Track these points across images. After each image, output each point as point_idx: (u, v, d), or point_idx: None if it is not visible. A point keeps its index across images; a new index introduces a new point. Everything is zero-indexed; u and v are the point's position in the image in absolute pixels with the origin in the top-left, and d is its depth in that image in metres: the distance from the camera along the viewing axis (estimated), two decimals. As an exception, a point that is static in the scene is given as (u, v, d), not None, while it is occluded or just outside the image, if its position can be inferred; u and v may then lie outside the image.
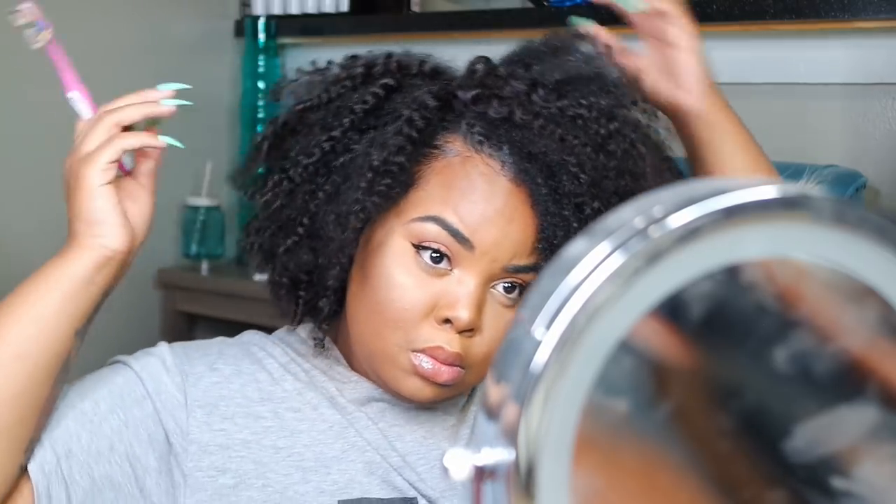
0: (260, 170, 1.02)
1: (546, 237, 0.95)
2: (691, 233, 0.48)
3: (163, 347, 1.02)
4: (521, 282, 0.95)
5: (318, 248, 0.98)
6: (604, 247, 0.48)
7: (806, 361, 0.50)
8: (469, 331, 0.94)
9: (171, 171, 1.02)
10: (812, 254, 0.50)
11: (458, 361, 0.94)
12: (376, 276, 0.95)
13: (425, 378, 0.94)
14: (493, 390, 0.49)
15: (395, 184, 0.94)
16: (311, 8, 2.54)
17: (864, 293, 0.50)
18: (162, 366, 1.00)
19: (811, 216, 0.49)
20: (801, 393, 0.50)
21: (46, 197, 2.25)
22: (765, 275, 0.50)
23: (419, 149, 0.95)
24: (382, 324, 0.94)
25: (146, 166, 0.97)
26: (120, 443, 0.95)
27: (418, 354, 0.94)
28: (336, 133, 0.97)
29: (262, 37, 2.52)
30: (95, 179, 0.93)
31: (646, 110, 1.02)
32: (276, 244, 1.00)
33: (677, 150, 1.08)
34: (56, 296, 0.91)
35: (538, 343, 0.47)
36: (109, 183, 0.93)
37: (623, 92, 1.00)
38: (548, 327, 0.47)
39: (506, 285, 0.95)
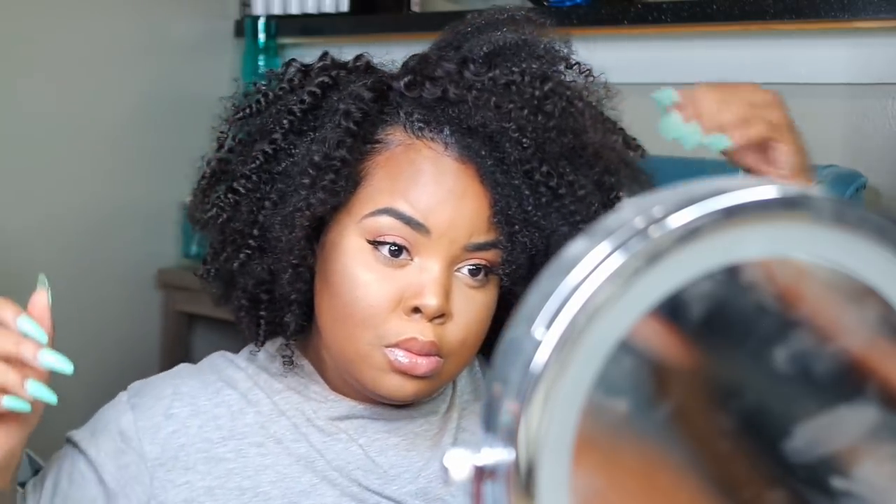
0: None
1: (500, 209, 0.94)
2: (691, 233, 0.48)
3: (119, 407, 1.00)
4: (485, 262, 0.95)
5: (270, 260, 0.97)
6: (604, 247, 0.48)
7: (806, 361, 0.50)
8: (440, 317, 0.93)
9: (170, 171, 1.02)
10: (812, 254, 0.50)
11: (433, 350, 0.92)
12: (338, 279, 0.94)
13: (403, 372, 0.93)
14: (493, 390, 0.49)
15: (339, 179, 0.93)
16: (311, 8, 2.54)
17: (864, 293, 0.50)
18: (120, 439, 0.98)
19: (811, 216, 0.49)
20: (801, 393, 0.50)
21: (44, 194, 2.26)
22: (765, 275, 0.50)
23: (361, 145, 0.95)
24: (352, 325, 0.93)
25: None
26: None
27: (392, 349, 0.92)
28: (276, 136, 0.97)
29: (262, 37, 2.52)
30: None
31: (581, 71, 1.01)
32: (229, 262, 0.99)
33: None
34: None
35: (538, 343, 0.47)
36: None
37: (554, 55, 1.00)
38: (548, 327, 0.47)
39: (470, 268, 0.94)
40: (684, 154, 1.10)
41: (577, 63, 1.01)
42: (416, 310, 0.92)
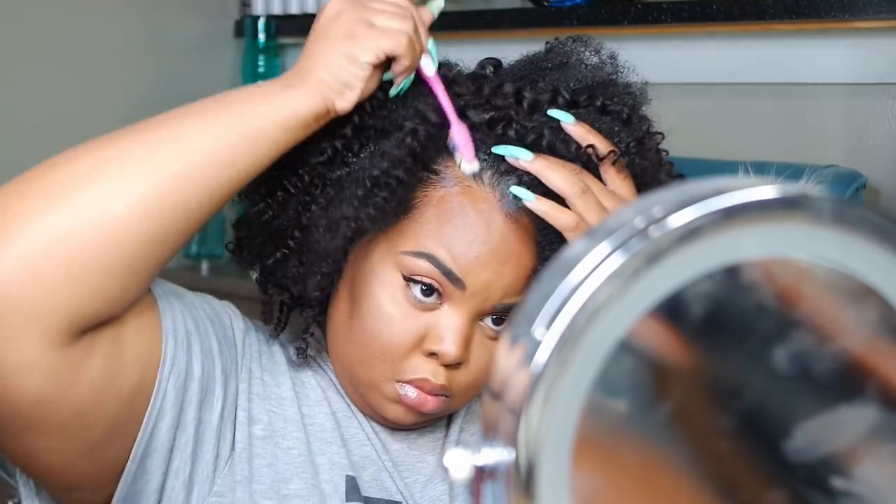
0: None
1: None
2: (691, 233, 0.48)
3: (225, 301, 1.03)
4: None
5: (305, 261, 0.96)
6: (604, 247, 0.48)
7: (806, 361, 0.50)
8: (456, 364, 0.93)
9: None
10: (812, 254, 0.50)
11: (442, 392, 0.94)
12: (365, 304, 0.94)
13: (410, 407, 0.94)
14: (493, 391, 0.49)
15: (392, 199, 0.91)
16: (311, 8, 2.54)
17: (864, 293, 0.50)
18: (232, 306, 1.01)
19: (811, 216, 0.49)
20: (801, 393, 0.50)
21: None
22: (765, 275, 0.50)
23: (419, 170, 0.93)
24: (369, 354, 0.94)
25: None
26: (220, 353, 0.95)
27: (403, 385, 0.93)
28: (336, 143, 0.94)
29: (262, 37, 2.52)
30: (365, 55, 0.89)
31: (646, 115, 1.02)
32: (264, 253, 0.98)
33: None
34: (273, 119, 0.87)
35: (538, 343, 0.47)
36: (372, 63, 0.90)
37: (635, 98, 0.99)
38: (548, 327, 0.47)
39: (495, 318, 0.94)
40: (686, 154, 1.10)
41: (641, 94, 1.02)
42: (434, 353, 0.93)
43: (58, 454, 0.87)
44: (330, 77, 0.89)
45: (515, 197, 0.93)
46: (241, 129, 0.87)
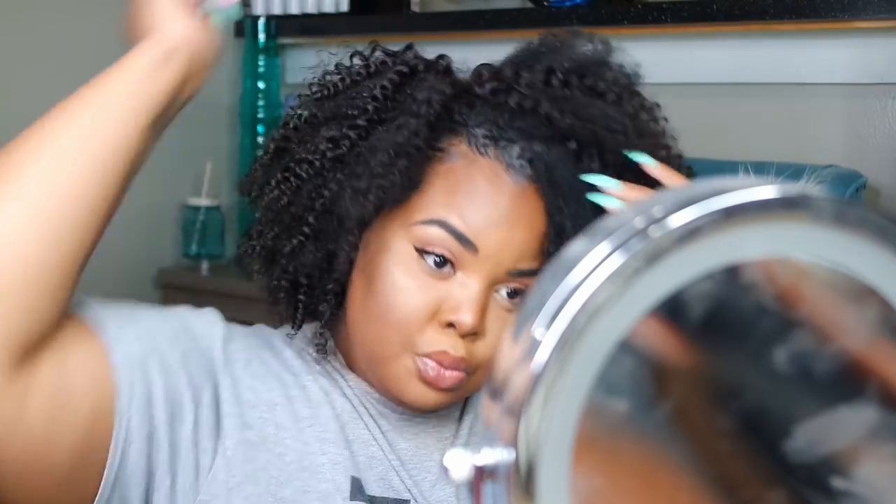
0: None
1: (556, 237, 0.95)
2: (691, 233, 0.48)
3: (209, 308, 1.03)
4: (525, 287, 0.95)
5: (322, 247, 0.98)
6: (604, 247, 0.48)
7: (806, 361, 0.50)
8: (473, 334, 0.94)
9: (170, 171, 1.02)
10: (812, 254, 0.50)
11: (462, 366, 0.94)
12: (380, 280, 0.94)
13: (429, 383, 0.94)
14: (494, 390, 0.49)
15: (411, 167, 0.93)
16: (311, 8, 2.54)
17: (864, 293, 0.50)
18: (213, 315, 1.01)
19: (811, 216, 0.49)
20: (801, 393, 0.50)
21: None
22: (765, 275, 0.50)
23: (425, 149, 0.95)
24: (385, 328, 0.94)
25: None
26: (186, 364, 0.94)
27: (423, 359, 0.93)
28: (360, 121, 0.96)
29: (262, 37, 2.52)
30: None
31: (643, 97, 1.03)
32: (279, 246, 0.99)
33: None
34: (120, 86, 0.91)
35: (538, 343, 0.47)
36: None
37: (628, 76, 1.01)
38: (548, 327, 0.47)
39: (509, 290, 0.95)
40: (686, 154, 1.10)
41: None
42: (451, 324, 0.93)
43: (29, 491, 0.87)
44: (145, 35, 0.94)
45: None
46: (93, 118, 0.90)
